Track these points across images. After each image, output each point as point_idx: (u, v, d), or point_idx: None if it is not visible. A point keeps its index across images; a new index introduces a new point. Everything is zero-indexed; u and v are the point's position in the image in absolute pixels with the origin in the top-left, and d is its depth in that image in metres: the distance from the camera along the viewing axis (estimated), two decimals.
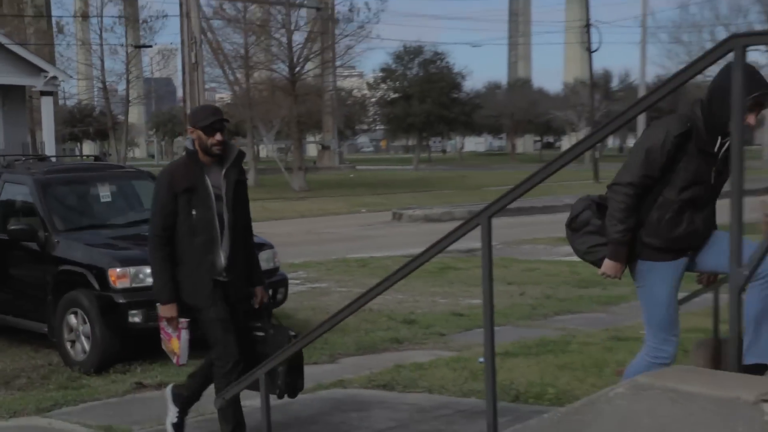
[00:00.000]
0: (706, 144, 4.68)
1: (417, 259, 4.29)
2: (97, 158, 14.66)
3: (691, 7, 68.25)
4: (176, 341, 6.14)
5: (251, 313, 6.24)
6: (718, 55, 3.47)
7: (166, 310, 6.01)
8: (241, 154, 6.18)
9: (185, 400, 6.47)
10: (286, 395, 6.06)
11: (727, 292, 3.46)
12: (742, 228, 3.39)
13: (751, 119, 4.47)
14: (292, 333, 6.05)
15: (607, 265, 4.82)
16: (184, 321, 6.08)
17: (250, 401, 6.37)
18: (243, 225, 6.19)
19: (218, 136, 5.90)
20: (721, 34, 48.28)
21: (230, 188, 6.03)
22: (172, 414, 6.45)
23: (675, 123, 4.72)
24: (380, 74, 73.07)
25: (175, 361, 6.24)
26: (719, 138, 4.64)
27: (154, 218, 6.05)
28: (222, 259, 6.00)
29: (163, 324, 6.16)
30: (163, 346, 6.33)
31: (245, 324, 6.14)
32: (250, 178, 45.86)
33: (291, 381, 6.00)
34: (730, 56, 3.45)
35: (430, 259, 4.28)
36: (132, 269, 9.32)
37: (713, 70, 4.23)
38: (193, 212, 5.91)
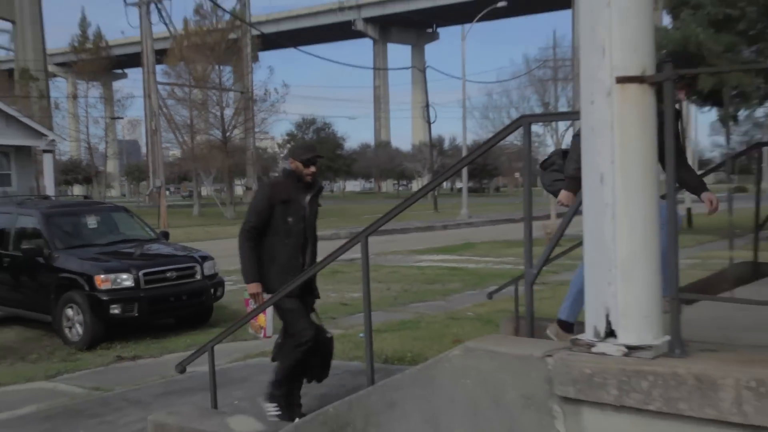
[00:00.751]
0: None
1: (316, 266, 4.30)
2: (85, 197, 14.25)
3: (494, 95, 70.89)
4: (262, 316, 5.34)
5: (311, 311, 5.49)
6: (512, 129, 3.53)
7: (252, 288, 5.22)
8: (321, 188, 5.49)
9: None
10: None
11: (524, 285, 3.58)
12: (532, 239, 3.54)
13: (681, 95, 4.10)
14: (329, 335, 5.59)
15: (563, 194, 4.38)
16: (268, 296, 5.25)
17: (200, 367, 6.24)
18: (313, 242, 5.43)
19: (312, 168, 5.28)
20: (514, 114, 50.47)
21: (312, 212, 5.38)
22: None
23: None
24: (286, 137, 72.72)
25: (262, 335, 5.38)
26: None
27: (250, 217, 5.22)
28: (306, 263, 5.35)
29: (251, 306, 5.31)
30: (250, 330, 5.51)
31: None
32: (195, 210, 44.79)
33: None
34: (520, 130, 3.54)
35: (326, 266, 4.30)
36: (113, 275, 9.16)
37: (510, 139, 4.27)
38: (289, 219, 5.23)
